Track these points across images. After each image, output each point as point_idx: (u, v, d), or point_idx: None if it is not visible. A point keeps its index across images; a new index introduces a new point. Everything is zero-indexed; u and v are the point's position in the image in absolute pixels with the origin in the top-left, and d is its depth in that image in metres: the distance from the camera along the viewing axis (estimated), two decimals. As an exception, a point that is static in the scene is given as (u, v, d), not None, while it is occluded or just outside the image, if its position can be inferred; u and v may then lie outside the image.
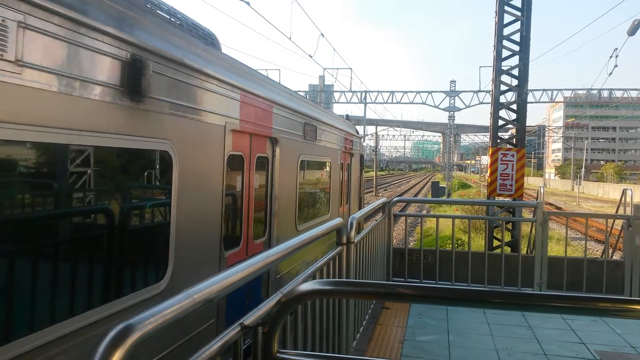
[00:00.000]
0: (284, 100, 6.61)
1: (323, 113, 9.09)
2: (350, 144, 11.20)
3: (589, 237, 15.28)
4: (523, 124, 11.30)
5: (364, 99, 49.51)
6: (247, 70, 5.76)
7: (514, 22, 11.20)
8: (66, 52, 2.86)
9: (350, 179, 11.54)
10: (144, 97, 3.52)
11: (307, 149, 7.64)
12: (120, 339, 1.37)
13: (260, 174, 6.05)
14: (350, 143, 11.29)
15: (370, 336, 5.45)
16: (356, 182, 12.40)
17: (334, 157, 9.49)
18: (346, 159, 10.99)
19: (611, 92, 50.50)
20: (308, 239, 3.16)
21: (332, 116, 10.01)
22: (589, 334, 5.60)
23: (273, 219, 6.31)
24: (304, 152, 7.48)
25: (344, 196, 10.91)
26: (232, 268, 2.13)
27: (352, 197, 11.84)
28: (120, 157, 3.45)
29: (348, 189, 11.41)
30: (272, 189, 6.33)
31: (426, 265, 7.66)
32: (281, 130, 6.48)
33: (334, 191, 9.60)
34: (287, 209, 6.88)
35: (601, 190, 67.87)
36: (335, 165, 9.63)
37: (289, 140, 6.79)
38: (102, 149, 3.20)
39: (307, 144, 7.67)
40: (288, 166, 6.82)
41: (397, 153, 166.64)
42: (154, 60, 3.66)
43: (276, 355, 2.09)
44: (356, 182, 12.40)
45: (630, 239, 7.14)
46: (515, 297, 2.22)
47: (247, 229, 5.65)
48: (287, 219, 6.90)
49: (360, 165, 12.97)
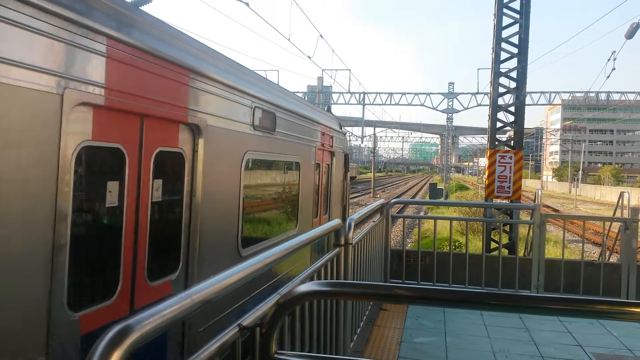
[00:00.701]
0: (214, 72, 4.62)
1: (289, 99, 7.07)
2: (330, 140, 9.36)
3: (586, 239, 15.32)
4: (521, 126, 11.33)
5: (363, 100, 49.56)
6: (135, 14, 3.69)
7: (512, 24, 11.23)
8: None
9: (330, 182, 9.65)
10: None
11: (258, 144, 5.69)
12: (119, 339, 1.37)
13: (168, 179, 4.10)
14: (331, 140, 9.43)
15: (368, 338, 5.46)
16: (338, 186, 10.39)
17: (304, 155, 7.62)
18: (325, 158, 9.17)
19: (609, 94, 50.66)
20: (307, 240, 3.17)
21: (304, 105, 8.01)
22: (585, 337, 5.61)
23: (193, 244, 4.33)
24: (253, 148, 5.52)
25: (321, 205, 8.99)
26: (231, 269, 2.13)
27: (333, 205, 9.85)
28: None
29: (327, 196, 9.54)
30: (192, 201, 4.36)
31: (423, 267, 7.67)
32: (209, 114, 4.51)
33: (304, 199, 7.66)
34: (223, 227, 4.88)
35: (598, 192, 68.07)
36: (306, 166, 7.73)
37: (224, 130, 4.84)
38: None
39: (260, 137, 5.72)
40: (224, 167, 4.86)
41: (395, 154, 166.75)
42: None
43: (274, 356, 2.10)
44: (338, 187, 10.39)
45: (627, 242, 7.16)
46: (513, 299, 2.23)
47: (130, 268, 3.62)
48: (222, 243, 4.88)
49: (344, 166, 10.97)
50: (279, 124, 6.38)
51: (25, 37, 2.62)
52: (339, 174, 10.38)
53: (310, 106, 8.55)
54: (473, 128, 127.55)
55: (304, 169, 7.63)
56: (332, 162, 9.75)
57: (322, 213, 9.12)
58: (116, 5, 3.38)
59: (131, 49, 3.44)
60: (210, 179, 4.58)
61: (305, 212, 7.74)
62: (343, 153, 10.71)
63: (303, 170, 7.55)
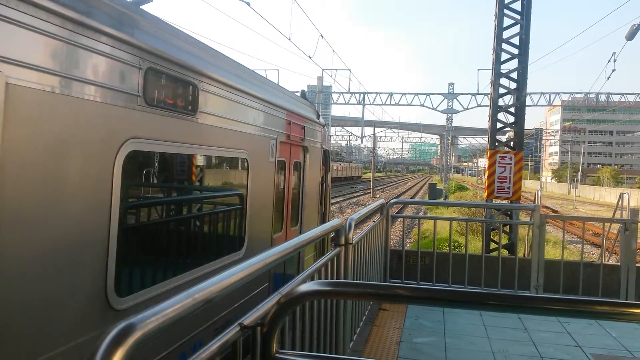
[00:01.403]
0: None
1: (228, 67, 5.17)
2: (301, 132, 7.46)
3: (585, 240, 15.36)
4: (521, 127, 11.34)
5: (362, 100, 49.60)
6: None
7: (513, 25, 11.25)
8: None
9: (302, 186, 7.79)
10: None
11: (158, 128, 3.78)
12: (122, 338, 1.38)
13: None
14: (302, 131, 7.51)
15: (367, 337, 5.46)
16: (314, 190, 8.40)
17: (256, 150, 5.74)
18: (294, 154, 7.36)
19: (609, 96, 50.70)
20: (307, 240, 3.17)
21: (258, 82, 6.04)
22: (584, 337, 5.62)
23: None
24: (142, 135, 3.60)
25: (287, 214, 7.11)
26: (233, 268, 2.14)
27: (305, 213, 7.92)
28: None
29: (299, 203, 7.73)
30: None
31: (423, 267, 7.68)
32: (25, 65, 2.63)
33: (256, 209, 5.76)
34: (61, 265, 2.92)
35: (597, 194, 68.14)
36: (260, 165, 5.86)
37: (58, 98, 2.84)
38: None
39: (162, 118, 3.83)
40: (60, 164, 2.89)
41: (394, 155, 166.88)
42: None
43: (275, 356, 2.10)
44: (314, 191, 8.39)
45: (627, 243, 7.18)
46: (512, 299, 2.24)
47: None
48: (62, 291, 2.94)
49: (324, 165, 9.08)
50: (205, 102, 4.44)
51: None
52: (314, 174, 8.35)
53: (270, 86, 6.53)
54: (472, 129, 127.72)
55: (256, 168, 5.68)
56: (305, 160, 7.86)
57: (288, 225, 7.15)
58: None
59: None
60: (25, 182, 2.64)
61: (258, 227, 5.82)
62: (321, 149, 8.78)
63: (254, 169, 5.62)
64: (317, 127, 8.55)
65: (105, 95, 3.20)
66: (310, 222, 8.14)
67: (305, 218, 7.90)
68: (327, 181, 9.32)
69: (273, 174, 6.35)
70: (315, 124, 8.42)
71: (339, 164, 76.38)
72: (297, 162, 7.66)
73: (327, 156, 9.46)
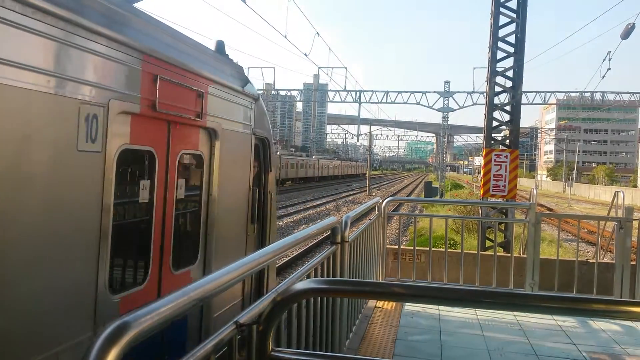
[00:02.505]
0: None
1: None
2: (196, 101, 4.55)
3: (580, 238, 15.37)
4: (517, 126, 11.38)
5: (359, 98, 49.66)
6: None
7: (509, 23, 11.26)
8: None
9: (208, 194, 4.88)
10: None
11: None
12: (116, 336, 1.37)
13: None
14: (199, 101, 4.58)
15: (363, 335, 5.47)
16: (238, 200, 5.50)
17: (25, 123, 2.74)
18: (178, 140, 4.38)
19: (604, 95, 50.95)
20: (302, 238, 3.17)
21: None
22: (579, 335, 5.65)
23: None
24: None
25: (161, 248, 4.17)
26: (226, 267, 2.13)
27: (221, 238, 4.99)
28: None
29: (200, 225, 4.80)
30: None
31: (419, 265, 7.69)
32: None
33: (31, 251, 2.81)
34: None
35: (592, 192, 68.41)
36: (43, 157, 2.87)
37: None
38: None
39: None
40: None
41: (390, 153, 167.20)
42: None
43: (271, 354, 2.10)
44: (238, 201, 5.49)
45: (622, 241, 7.20)
46: (508, 297, 2.24)
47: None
48: None
49: (260, 160, 6.24)
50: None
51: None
52: (236, 174, 5.44)
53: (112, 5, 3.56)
54: (468, 127, 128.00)
55: (32, 167, 2.82)
56: (212, 152, 4.89)
57: (168, 266, 4.24)
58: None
59: None
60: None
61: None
62: (251, 135, 5.77)
63: (29, 170, 2.80)
64: (241, 100, 5.50)
65: None
66: (228, 252, 5.12)
67: (218, 248, 4.91)
68: (269, 186, 6.35)
69: (97, 174, 3.33)
70: (238, 95, 5.41)
71: (348, 162, 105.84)
72: (192, 155, 4.69)
73: (267, 148, 6.37)
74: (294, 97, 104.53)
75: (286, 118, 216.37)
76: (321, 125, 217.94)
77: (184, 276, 4.51)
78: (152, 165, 4.08)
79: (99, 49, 3.28)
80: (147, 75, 3.81)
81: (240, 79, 5.71)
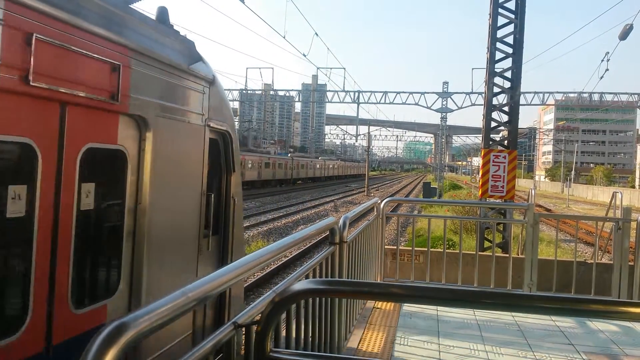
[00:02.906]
0: None
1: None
2: (111, 77, 3.35)
3: (578, 239, 15.40)
4: (515, 126, 11.39)
5: (357, 99, 49.65)
6: None
7: (507, 24, 11.27)
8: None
9: (137, 201, 3.80)
10: None
11: None
12: (114, 337, 1.36)
13: None
14: (114, 76, 3.38)
15: (362, 336, 5.47)
16: (185, 207, 4.45)
17: None
18: (78, 130, 3.19)
19: (602, 95, 51.04)
20: (301, 238, 3.17)
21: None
22: (577, 336, 5.65)
23: None
24: None
25: (51, 279, 3.05)
26: (226, 267, 2.13)
27: (156, 260, 3.96)
28: None
29: (122, 241, 3.71)
30: None
31: (417, 266, 7.69)
32: None
33: None
34: None
35: (590, 192, 68.50)
36: None
37: None
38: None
39: None
40: None
41: (389, 153, 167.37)
42: None
43: (269, 354, 2.10)
44: (185, 209, 4.45)
45: (620, 242, 7.21)
46: (506, 297, 2.24)
47: None
48: None
49: (222, 158, 5.33)
50: None
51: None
52: (179, 178, 4.35)
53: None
54: (467, 127, 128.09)
55: None
56: (141, 149, 3.86)
57: (65, 303, 3.19)
58: None
59: None
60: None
61: None
62: (204, 126, 4.73)
63: None
64: (187, 82, 4.45)
65: None
66: (170, 275, 4.18)
67: (153, 272, 3.93)
68: (231, 190, 5.38)
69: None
70: (182, 75, 4.35)
71: (350, 163, 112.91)
72: (106, 151, 3.56)
73: (229, 144, 5.38)
74: (293, 97, 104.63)
75: (285, 118, 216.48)
76: (320, 126, 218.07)
77: (94, 314, 3.43)
78: (31, 165, 2.89)
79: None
80: (12, 31, 2.64)
81: (188, 56, 4.51)
